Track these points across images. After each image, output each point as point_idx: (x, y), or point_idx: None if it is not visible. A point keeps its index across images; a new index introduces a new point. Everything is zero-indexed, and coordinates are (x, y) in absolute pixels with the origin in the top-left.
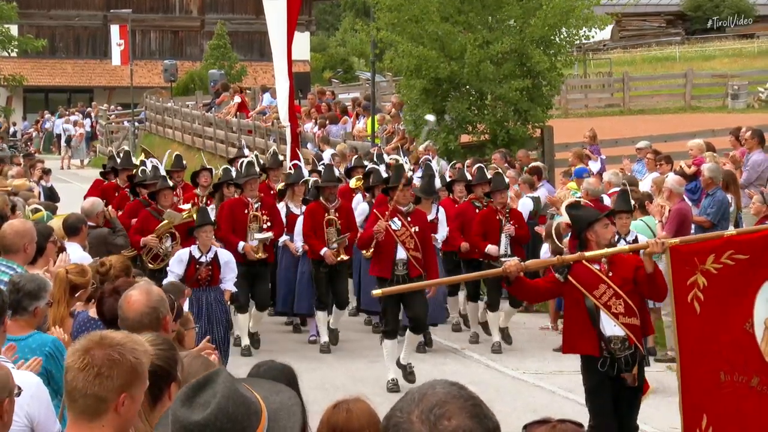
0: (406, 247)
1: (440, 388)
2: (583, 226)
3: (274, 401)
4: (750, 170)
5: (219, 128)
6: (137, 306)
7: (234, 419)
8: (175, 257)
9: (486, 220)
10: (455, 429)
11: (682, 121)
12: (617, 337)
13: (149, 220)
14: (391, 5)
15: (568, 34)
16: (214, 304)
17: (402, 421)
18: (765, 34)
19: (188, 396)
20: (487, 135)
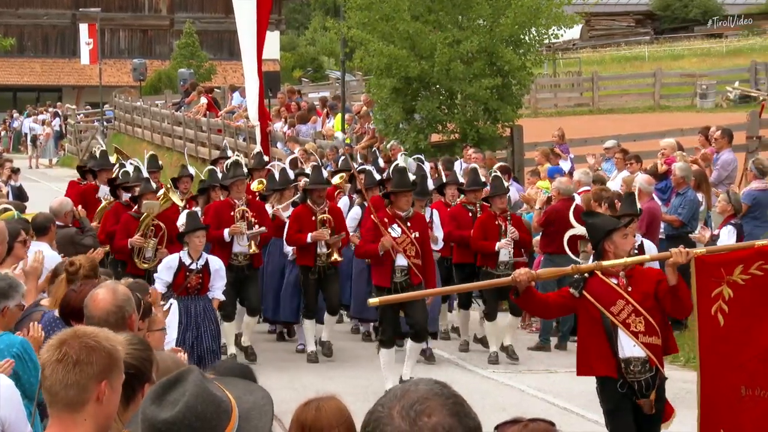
0: (406, 255)
1: (423, 385)
2: (601, 236)
3: (246, 401)
4: (720, 169)
5: (188, 127)
6: (103, 304)
7: (203, 418)
8: (163, 263)
9: (485, 225)
10: (435, 426)
11: (651, 121)
12: (637, 359)
13: (131, 222)
14: (362, 4)
15: (538, 33)
16: (203, 313)
17: (383, 416)
18: (733, 34)
19: (158, 394)
20: (457, 134)
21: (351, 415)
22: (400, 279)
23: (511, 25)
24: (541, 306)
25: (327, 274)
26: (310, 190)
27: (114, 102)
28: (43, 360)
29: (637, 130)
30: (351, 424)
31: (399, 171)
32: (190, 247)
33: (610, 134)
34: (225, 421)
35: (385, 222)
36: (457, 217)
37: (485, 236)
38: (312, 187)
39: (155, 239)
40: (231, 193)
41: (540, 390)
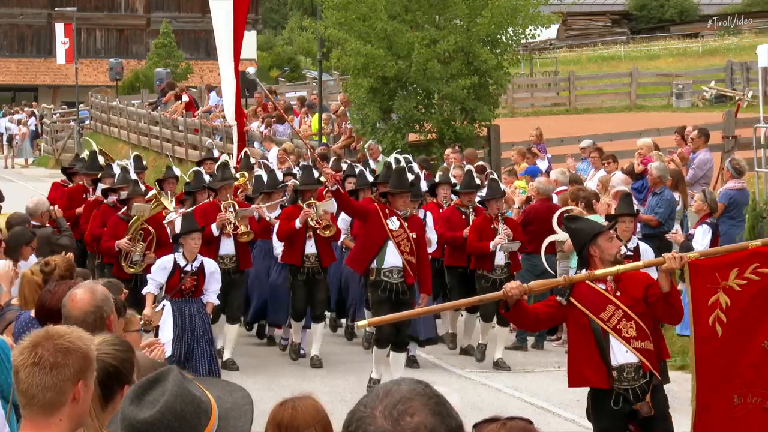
0: (401, 250)
1: (405, 385)
2: (586, 241)
3: (226, 401)
4: (696, 169)
5: (165, 127)
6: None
7: (182, 417)
8: (158, 264)
9: (480, 228)
10: (417, 425)
11: (628, 120)
12: (630, 365)
13: (120, 224)
14: (339, 3)
15: (515, 33)
16: (198, 316)
17: (366, 415)
18: (709, 34)
19: (137, 394)
20: (434, 134)
21: (327, 414)
22: (396, 280)
23: (488, 25)
24: (531, 319)
25: (316, 278)
26: (302, 190)
27: (90, 101)
28: (17, 363)
29: (614, 129)
30: (327, 424)
31: (398, 172)
32: (185, 249)
33: (587, 134)
34: (204, 420)
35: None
36: (450, 218)
37: (480, 239)
38: (303, 188)
39: (143, 243)
40: (219, 195)
41: (516, 389)
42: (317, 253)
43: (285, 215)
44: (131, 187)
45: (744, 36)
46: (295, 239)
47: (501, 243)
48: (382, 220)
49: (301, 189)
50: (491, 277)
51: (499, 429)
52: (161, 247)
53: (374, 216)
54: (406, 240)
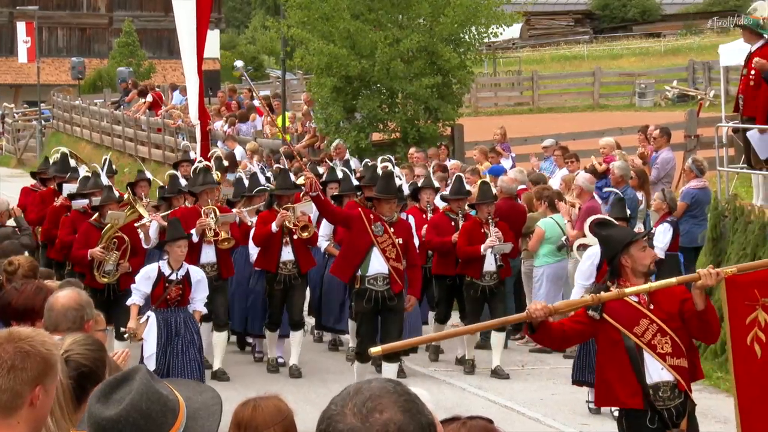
0: (386, 256)
1: (376, 383)
2: (618, 250)
3: (195, 401)
4: (659, 168)
5: (128, 126)
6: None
7: (148, 416)
8: (141, 274)
9: (470, 232)
10: (386, 422)
11: (591, 120)
12: (666, 383)
13: (92, 231)
14: (302, 3)
15: (477, 32)
16: (185, 326)
17: (336, 413)
18: (671, 33)
19: (104, 393)
20: (398, 133)
21: (291, 414)
22: (382, 288)
23: (451, 24)
24: (558, 338)
25: (293, 284)
26: (278, 195)
27: (52, 101)
28: None
29: (577, 129)
30: (290, 424)
31: (385, 176)
32: (170, 257)
33: (550, 133)
34: (171, 419)
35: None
36: (438, 225)
37: (471, 243)
38: (280, 193)
39: (117, 252)
40: (199, 200)
41: (481, 388)
42: (295, 259)
43: (261, 220)
44: (105, 193)
45: (706, 35)
46: (271, 244)
47: (493, 245)
48: (366, 227)
49: (278, 194)
50: (480, 285)
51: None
52: (136, 255)
53: (358, 222)
54: (392, 246)
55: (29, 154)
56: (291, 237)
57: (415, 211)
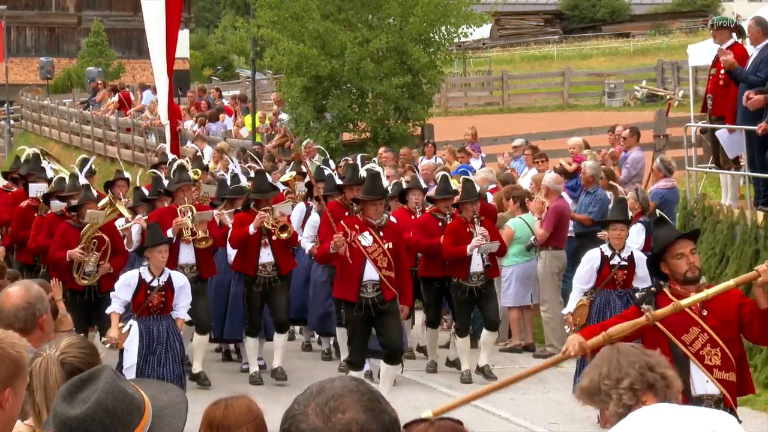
0: (378, 266)
1: (338, 382)
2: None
3: (161, 399)
4: (629, 168)
5: (97, 126)
6: (14, 300)
7: (113, 414)
8: (121, 281)
9: (456, 232)
10: (348, 422)
11: (560, 119)
12: (710, 397)
13: (70, 232)
14: (272, 2)
15: (447, 31)
16: (167, 334)
17: (298, 413)
18: (640, 33)
19: (70, 392)
20: (368, 133)
21: (262, 414)
22: (372, 294)
23: (420, 24)
24: None
25: (273, 286)
26: (256, 200)
27: (21, 100)
28: None
29: (547, 128)
30: (260, 424)
31: (371, 177)
32: (151, 263)
33: (520, 133)
34: (137, 417)
35: (355, 228)
36: (425, 225)
37: (456, 243)
38: (257, 197)
39: (97, 253)
40: (175, 199)
41: (451, 388)
42: (275, 261)
43: (238, 221)
44: (83, 193)
45: (674, 36)
46: (249, 247)
47: (479, 245)
48: (357, 243)
49: (255, 198)
50: (467, 286)
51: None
52: (117, 255)
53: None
54: (383, 255)
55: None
56: (270, 238)
57: (403, 213)
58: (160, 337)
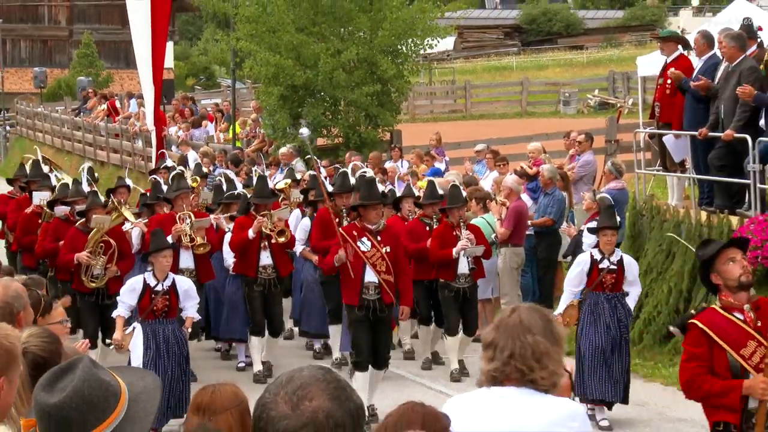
0: (377, 270)
1: (307, 371)
2: (705, 270)
3: (137, 385)
4: (580, 168)
5: (87, 132)
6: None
7: (90, 401)
8: (127, 286)
9: (442, 236)
10: (315, 410)
11: (519, 126)
12: None
13: (78, 237)
14: (250, 17)
15: (414, 44)
16: (172, 337)
17: (269, 401)
18: (593, 46)
19: (49, 381)
20: (341, 138)
21: (247, 401)
22: (373, 297)
23: (389, 37)
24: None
25: (273, 290)
26: (256, 204)
27: (16, 108)
28: None
29: (506, 134)
30: (245, 409)
31: (366, 182)
32: (155, 268)
33: (482, 138)
34: (113, 403)
35: (354, 235)
36: (413, 230)
37: (442, 247)
38: (258, 201)
39: (104, 257)
40: (174, 206)
41: (418, 375)
42: (273, 263)
43: (238, 225)
44: (90, 199)
45: (625, 48)
46: (249, 250)
47: (465, 248)
48: (356, 249)
49: (256, 203)
50: (455, 287)
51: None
52: (123, 259)
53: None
54: (381, 259)
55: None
56: (269, 242)
57: (397, 220)
58: (166, 339)
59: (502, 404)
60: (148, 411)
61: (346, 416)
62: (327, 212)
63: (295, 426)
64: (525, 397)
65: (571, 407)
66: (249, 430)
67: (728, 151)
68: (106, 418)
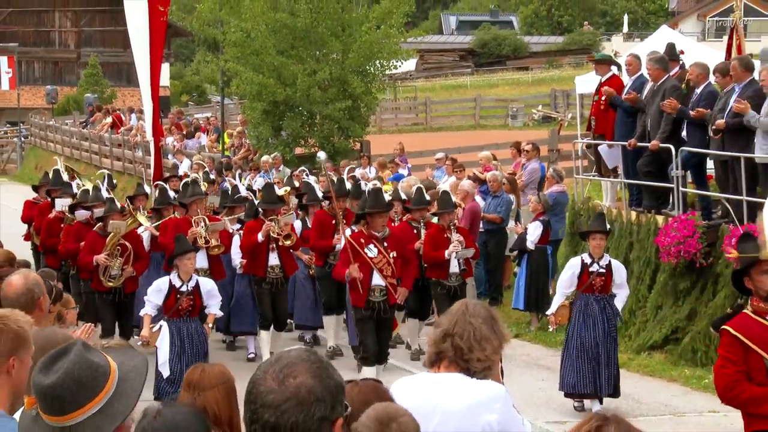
0: (383, 275)
1: (294, 352)
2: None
3: (128, 365)
4: (527, 174)
5: (93, 142)
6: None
7: (80, 382)
8: (153, 286)
9: (435, 238)
10: (298, 385)
11: (473, 137)
12: None
13: (97, 240)
14: (236, 41)
15: (380, 65)
16: (195, 335)
17: (259, 378)
18: (537, 67)
19: (45, 364)
20: (317, 147)
21: (233, 379)
22: (378, 299)
23: (358, 58)
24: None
25: (280, 289)
26: (264, 209)
27: (30, 121)
28: None
29: (461, 144)
30: (230, 387)
31: (373, 192)
32: (180, 270)
33: (440, 147)
34: (102, 383)
35: (361, 242)
36: (402, 233)
37: (435, 249)
38: (266, 207)
39: (121, 258)
40: (189, 211)
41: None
42: (280, 264)
43: (248, 229)
44: (108, 205)
45: (564, 69)
46: (258, 252)
47: (456, 251)
48: (363, 255)
49: (264, 208)
50: (447, 285)
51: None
52: (138, 260)
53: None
54: (387, 264)
55: (11, 165)
56: (276, 244)
57: None
58: (190, 336)
59: (436, 387)
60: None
61: (325, 392)
62: (324, 214)
63: (280, 399)
64: (455, 381)
65: (494, 389)
66: (234, 404)
67: (654, 158)
68: (95, 396)
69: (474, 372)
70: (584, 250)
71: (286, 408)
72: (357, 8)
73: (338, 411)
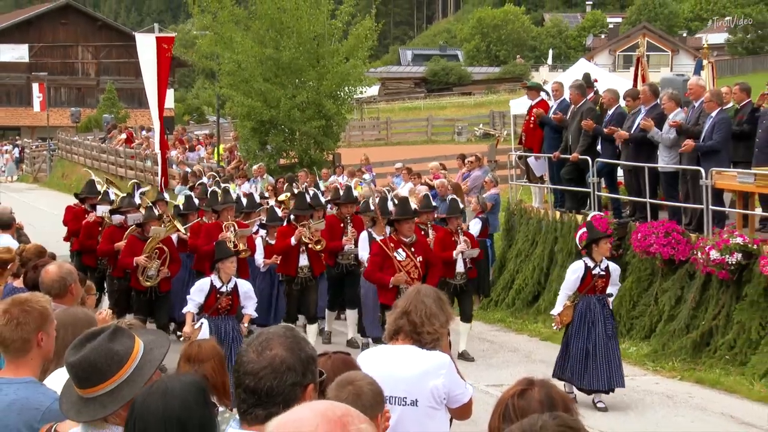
0: (411, 277)
1: (273, 329)
2: None
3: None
4: (471, 181)
5: (110, 155)
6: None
7: (93, 366)
8: (196, 286)
9: (443, 241)
10: (273, 356)
11: (425, 150)
12: None
13: (136, 243)
14: (229, 71)
15: (349, 90)
16: (232, 332)
17: (243, 351)
18: (478, 92)
19: (80, 342)
20: (296, 159)
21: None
22: None
23: (330, 85)
24: None
25: (308, 285)
26: (296, 216)
27: (58, 137)
28: None
29: (416, 156)
30: (223, 359)
31: (401, 201)
32: (221, 272)
33: (399, 158)
34: (115, 369)
35: (390, 247)
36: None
37: (444, 250)
38: (297, 213)
39: (158, 261)
40: (220, 217)
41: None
42: (309, 265)
43: (281, 234)
44: (147, 213)
45: (501, 94)
46: (290, 253)
47: (463, 251)
48: (392, 260)
49: (296, 214)
50: (453, 283)
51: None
52: (173, 263)
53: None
54: (414, 267)
55: (42, 174)
56: (306, 247)
57: None
58: (226, 333)
59: (392, 356)
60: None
61: (297, 362)
62: (334, 218)
63: (258, 368)
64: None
65: (441, 358)
66: (225, 372)
67: (574, 168)
68: (106, 380)
69: (425, 343)
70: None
71: (263, 375)
72: (330, 44)
73: (308, 378)
